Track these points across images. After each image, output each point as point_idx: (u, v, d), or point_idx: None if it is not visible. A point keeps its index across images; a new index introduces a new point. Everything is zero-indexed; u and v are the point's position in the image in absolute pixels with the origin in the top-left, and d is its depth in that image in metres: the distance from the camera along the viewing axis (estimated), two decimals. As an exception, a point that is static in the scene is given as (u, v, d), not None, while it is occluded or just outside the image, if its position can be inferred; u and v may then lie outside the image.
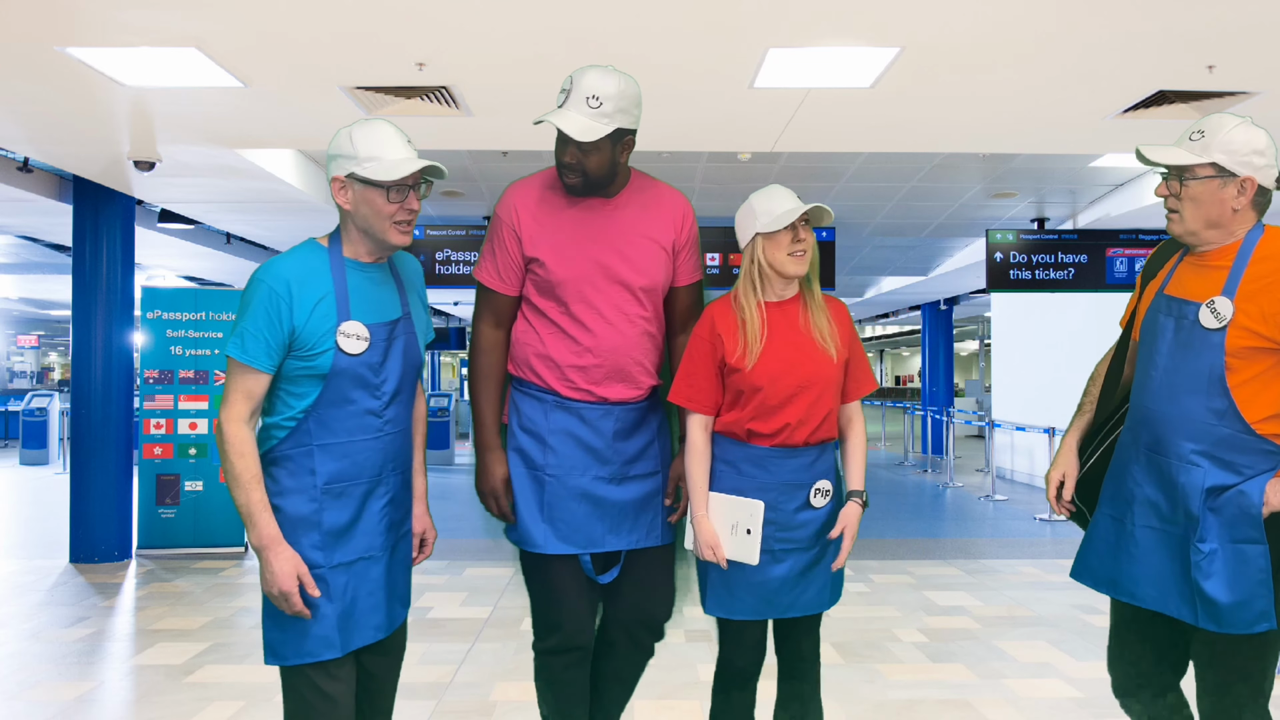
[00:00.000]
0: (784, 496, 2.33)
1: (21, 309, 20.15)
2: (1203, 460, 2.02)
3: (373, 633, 2.13)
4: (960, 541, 7.68)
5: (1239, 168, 2.00)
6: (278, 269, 2.05)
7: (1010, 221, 9.27)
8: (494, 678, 4.07)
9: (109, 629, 5.02)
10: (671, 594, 2.52)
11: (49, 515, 8.87)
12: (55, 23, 3.77)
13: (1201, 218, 2.04)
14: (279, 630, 2.05)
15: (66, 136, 5.58)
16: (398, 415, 2.16)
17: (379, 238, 2.09)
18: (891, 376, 47.68)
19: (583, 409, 2.36)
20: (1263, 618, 1.99)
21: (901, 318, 21.20)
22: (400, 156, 2.05)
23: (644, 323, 2.39)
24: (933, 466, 13.65)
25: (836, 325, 2.37)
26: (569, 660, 2.45)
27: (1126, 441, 2.17)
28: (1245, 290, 1.99)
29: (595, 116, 2.24)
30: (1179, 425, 2.04)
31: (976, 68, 4.32)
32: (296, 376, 2.05)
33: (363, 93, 4.70)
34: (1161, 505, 2.09)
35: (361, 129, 2.07)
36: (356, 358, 2.06)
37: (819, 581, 2.38)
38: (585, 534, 2.37)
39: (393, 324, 2.14)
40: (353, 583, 2.09)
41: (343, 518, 2.08)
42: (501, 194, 2.44)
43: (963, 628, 4.99)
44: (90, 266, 6.83)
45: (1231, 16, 3.68)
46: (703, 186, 8.00)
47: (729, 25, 3.83)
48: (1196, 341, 2.02)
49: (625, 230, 2.39)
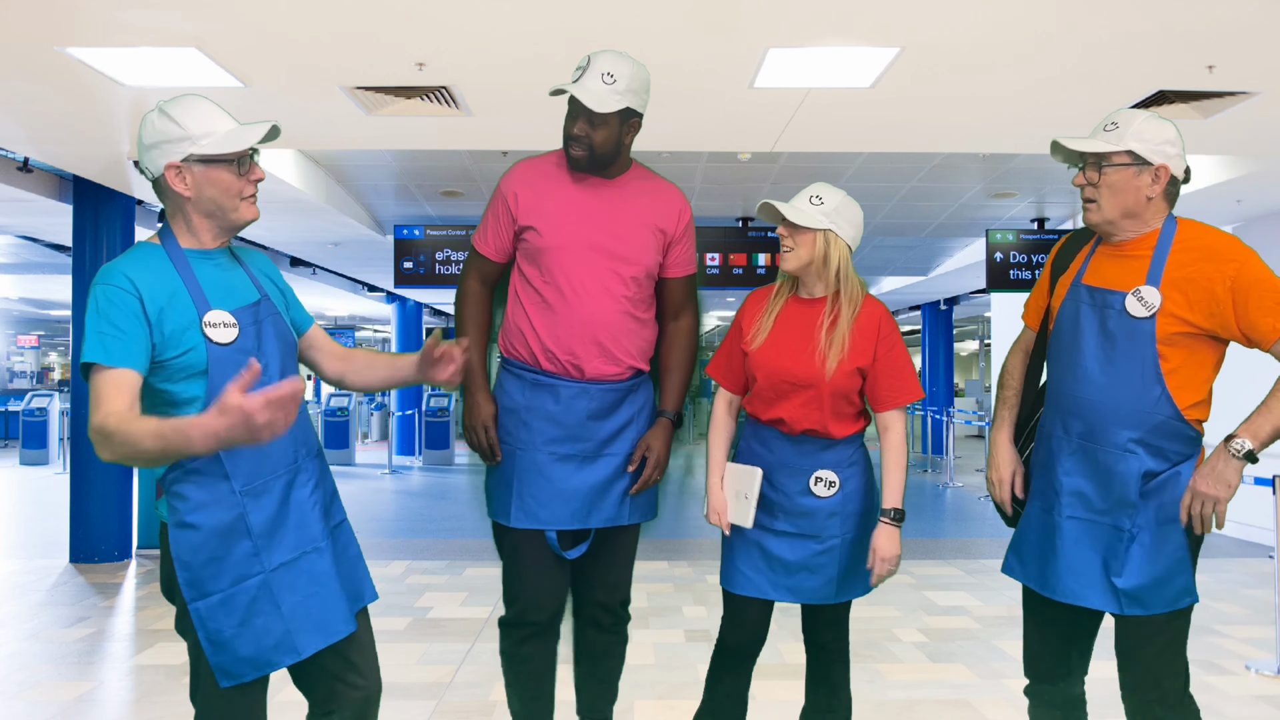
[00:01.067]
0: (784, 476, 2.39)
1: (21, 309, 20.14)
2: (1139, 448, 2.07)
3: (338, 628, 1.99)
4: (960, 541, 7.68)
5: (1153, 156, 2.08)
6: (115, 270, 1.88)
7: (1010, 221, 9.28)
8: (494, 678, 4.07)
9: (109, 629, 5.02)
10: (630, 575, 2.58)
11: (49, 515, 8.87)
12: (55, 23, 3.77)
13: (1118, 206, 2.10)
14: (226, 652, 1.90)
15: (66, 136, 5.58)
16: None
17: (230, 217, 1.96)
18: (891, 376, 47.62)
19: (559, 386, 2.40)
20: (1185, 593, 2.07)
21: (901, 318, 21.18)
22: (233, 126, 1.93)
23: (627, 303, 2.42)
24: (933, 466, 13.66)
25: (857, 335, 2.33)
26: (524, 634, 2.48)
27: (1055, 433, 2.20)
28: (1170, 278, 2.05)
29: (610, 90, 2.30)
30: (1114, 414, 2.09)
31: (976, 68, 4.32)
32: (175, 378, 1.89)
33: (363, 93, 4.70)
34: (1091, 495, 2.13)
35: (180, 108, 1.91)
36: (230, 346, 1.91)
37: (826, 573, 2.38)
38: (552, 511, 2.40)
39: (254, 306, 1.99)
40: (300, 579, 1.95)
41: (268, 514, 1.94)
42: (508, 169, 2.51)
43: (963, 628, 4.99)
44: (90, 266, 6.83)
45: (1231, 16, 3.69)
46: (703, 186, 8.00)
47: (729, 25, 3.83)
48: (1125, 330, 2.07)
49: (620, 211, 2.43)
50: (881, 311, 2.40)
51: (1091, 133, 2.14)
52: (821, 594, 2.39)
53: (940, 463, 13.27)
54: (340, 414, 14.03)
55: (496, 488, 2.47)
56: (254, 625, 1.91)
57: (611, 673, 2.63)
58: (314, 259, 11.62)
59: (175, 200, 1.95)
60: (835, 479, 2.37)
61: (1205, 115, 4.95)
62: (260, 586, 1.92)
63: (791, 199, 2.38)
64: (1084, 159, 2.13)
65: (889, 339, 2.37)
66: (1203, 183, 6.73)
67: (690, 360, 2.58)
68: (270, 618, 1.92)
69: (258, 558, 1.92)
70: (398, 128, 5.33)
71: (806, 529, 2.37)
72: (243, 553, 1.91)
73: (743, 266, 9.03)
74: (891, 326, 2.39)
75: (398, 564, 6.63)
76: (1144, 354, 2.05)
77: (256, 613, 1.91)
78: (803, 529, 2.37)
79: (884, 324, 2.38)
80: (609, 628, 2.59)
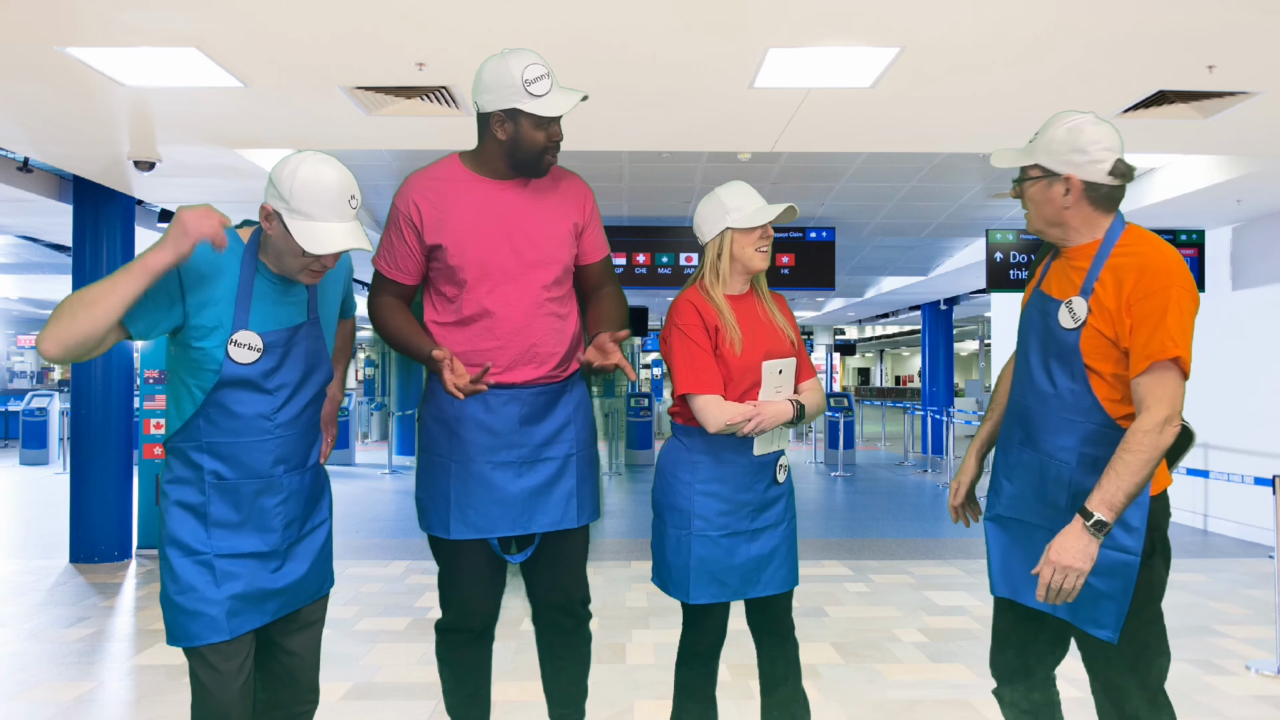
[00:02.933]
0: (759, 477, 2.46)
1: (21, 309, 20.14)
2: (1072, 456, 2.07)
3: (273, 613, 2.17)
4: (960, 541, 7.68)
5: (1060, 166, 2.05)
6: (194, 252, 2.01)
7: (1010, 221, 9.27)
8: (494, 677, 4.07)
9: (109, 629, 5.02)
10: (584, 575, 2.57)
11: (49, 515, 8.87)
12: (55, 23, 3.76)
13: (1040, 216, 2.12)
14: (171, 613, 2.10)
15: (66, 136, 5.58)
16: (293, 416, 2.16)
17: (288, 272, 2.10)
18: (891, 376, 47.68)
19: (488, 395, 2.36)
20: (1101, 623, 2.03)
21: (901, 318, 21.20)
22: (330, 226, 2.01)
23: (550, 304, 2.40)
24: (933, 466, 13.65)
25: (787, 316, 2.55)
26: (459, 640, 2.51)
27: (1003, 435, 2.26)
28: (1098, 290, 2.03)
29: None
30: (1050, 420, 2.10)
31: (976, 67, 4.32)
32: (195, 367, 2.07)
33: (363, 93, 4.70)
34: (1027, 498, 2.15)
35: (308, 171, 2.01)
36: (247, 366, 2.06)
37: (786, 557, 2.52)
38: (491, 519, 2.38)
39: (294, 329, 2.14)
40: (244, 573, 2.12)
41: (229, 514, 2.11)
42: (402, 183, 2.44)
43: (963, 628, 4.99)
44: (90, 266, 6.83)
45: (1231, 17, 3.68)
46: (703, 186, 8.00)
47: (729, 25, 3.83)
48: (1058, 339, 2.08)
49: (530, 212, 2.39)
50: (783, 297, 2.62)
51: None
52: (789, 579, 2.52)
53: (940, 463, 13.27)
54: (340, 414, 14.02)
55: (431, 500, 2.45)
56: (190, 598, 2.08)
57: (578, 672, 2.62)
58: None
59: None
60: (787, 461, 2.56)
61: (1205, 115, 4.95)
62: (203, 564, 2.09)
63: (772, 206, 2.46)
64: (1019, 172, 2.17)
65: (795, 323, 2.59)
66: (1203, 183, 6.73)
67: (623, 311, 2.52)
68: (206, 596, 2.08)
69: (207, 539, 2.10)
70: (398, 128, 5.32)
71: (772, 519, 2.49)
72: (191, 529, 2.10)
73: (743, 266, 9.01)
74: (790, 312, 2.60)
75: (398, 564, 6.63)
76: (1074, 364, 2.05)
77: (192, 587, 2.08)
78: (770, 520, 2.49)
79: (788, 310, 2.59)
80: (570, 629, 2.57)
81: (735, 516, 2.44)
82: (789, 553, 2.53)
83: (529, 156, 2.32)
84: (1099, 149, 2.03)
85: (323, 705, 3.80)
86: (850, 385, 43.39)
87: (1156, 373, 1.94)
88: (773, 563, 2.48)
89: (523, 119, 2.27)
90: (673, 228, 9.15)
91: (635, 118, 5.12)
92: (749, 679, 2.63)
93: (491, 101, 2.28)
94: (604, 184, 7.65)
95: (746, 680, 2.64)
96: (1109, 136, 2.04)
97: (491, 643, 2.57)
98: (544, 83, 2.25)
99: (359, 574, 6.29)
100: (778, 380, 2.44)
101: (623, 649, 4.55)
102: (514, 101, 2.25)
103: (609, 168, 7.25)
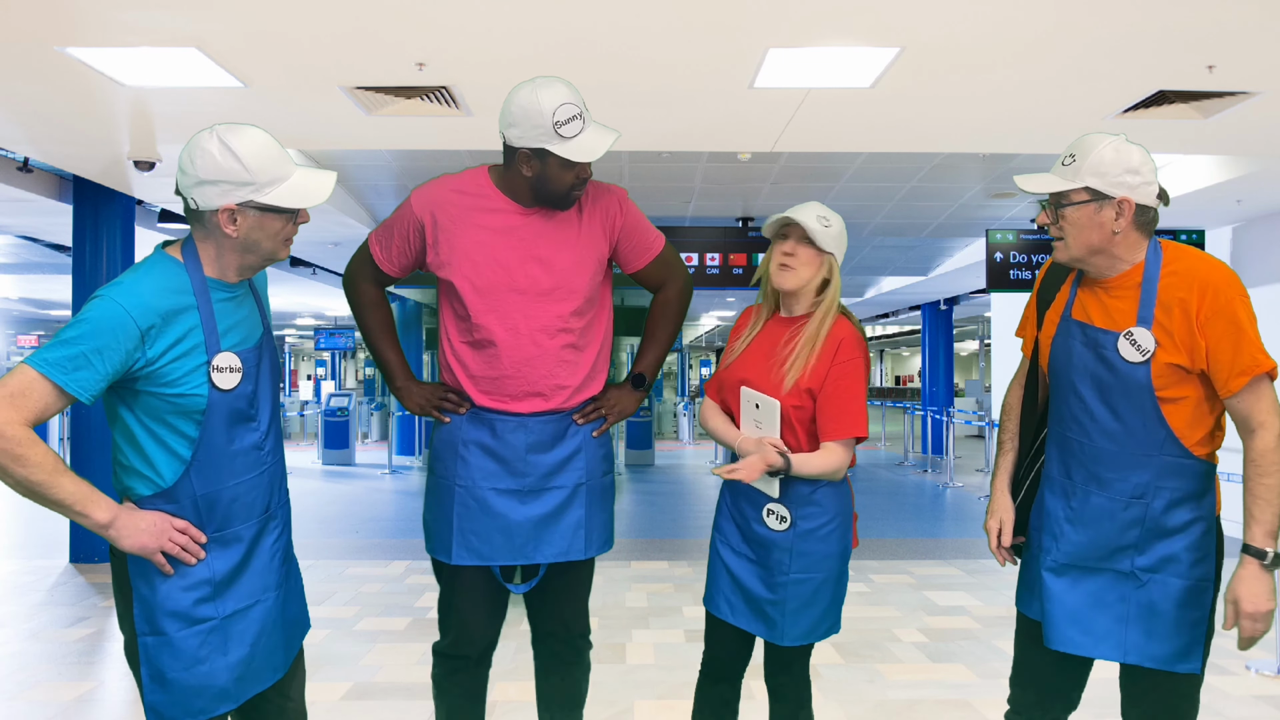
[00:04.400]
0: (745, 501, 2.33)
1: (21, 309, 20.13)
2: (1147, 491, 1.97)
3: (271, 675, 1.99)
4: (960, 541, 7.68)
5: (1113, 189, 1.93)
6: (144, 298, 1.77)
7: (1010, 221, 9.27)
8: (494, 678, 4.05)
9: (109, 629, 5.01)
10: (585, 608, 2.50)
11: (49, 515, 8.83)
12: (55, 23, 3.76)
13: (1084, 244, 1.98)
14: (164, 692, 1.84)
15: (66, 136, 5.58)
16: (274, 444, 2.01)
17: (264, 256, 1.89)
18: (891, 376, 47.68)
19: (495, 420, 2.31)
20: (1182, 657, 1.97)
21: (901, 318, 21.19)
22: (300, 174, 1.87)
23: (565, 336, 2.29)
24: (933, 466, 13.65)
25: (818, 359, 2.22)
26: (454, 666, 2.45)
27: (1054, 475, 2.09)
28: (1160, 318, 1.93)
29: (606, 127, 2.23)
30: (1119, 458, 1.98)
31: (976, 67, 4.32)
32: (164, 414, 1.82)
33: (363, 93, 4.70)
34: (1093, 542, 2.03)
35: (245, 145, 1.80)
36: (230, 392, 1.86)
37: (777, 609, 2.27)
38: (494, 547, 2.32)
39: (258, 347, 1.95)
40: (250, 628, 1.92)
41: (232, 563, 1.91)
42: (425, 183, 2.35)
43: (963, 628, 4.99)
44: (90, 266, 6.83)
45: (1231, 17, 3.68)
46: (703, 186, 8.00)
47: (729, 25, 3.83)
48: (1120, 374, 1.96)
49: (550, 241, 2.28)
50: (847, 334, 2.26)
51: (1052, 167, 2.03)
52: (773, 631, 2.28)
53: (940, 463, 13.27)
54: (340, 414, 14.03)
55: (435, 523, 2.38)
56: (199, 671, 1.86)
57: (574, 700, 2.57)
58: (314, 259, 11.62)
59: (215, 235, 1.85)
60: (787, 514, 2.24)
61: (1205, 115, 4.95)
62: (212, 632, 1.88)
63: (797, 213, 2.25)
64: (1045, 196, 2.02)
65: (845, 365, 2.22)
66: (1203, 183, 6.73)
67: (673, 331, 2.52)
68: (216, 665, 1.88)
69: (213, 603, 1.88)
70: (398, 128, 5.32)
71: (761, 558, 2.30)
72: (199, 597, 1.87)
73: (742, 266, 9.03)
74: (851, 353, 2.24)
75: (398, 564, 6.63)
76: (1142, 398, 1.94)
77: (203, 659, 1.86)
78: (759, 557, 2.30)
79: (843, 348, 2.23)
80: (569, 659, 2.53)
81: (735, 533, 2.36)
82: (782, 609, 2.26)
83: (556, 195, 2.23)
84: (1149, 170, 1.95)
85: (323, 705, 3.82)
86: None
87: (1254, 388, 1.90)
88: (759, 607, 2.29)
89: (551, 159, 2.16)
90: (673, 228, 9.15)
91: (635, 118, 5.12)
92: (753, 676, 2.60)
93: (519, 137, 2.16)
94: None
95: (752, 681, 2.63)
96: (1151, 159, 1.98)
97: (488, 669, 2.52)
98: (576, 124, 2.13)
99: (359, 574, 6.29)
100: (755, 414, 2.25)
101: (623, 649, 4.55)
102: (542, 142, 2.13)
103: (609, 168, 7.25)
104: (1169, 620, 1.97)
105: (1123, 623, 2.00)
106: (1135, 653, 1.99)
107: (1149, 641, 1.98)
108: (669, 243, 2.47)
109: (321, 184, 1.88)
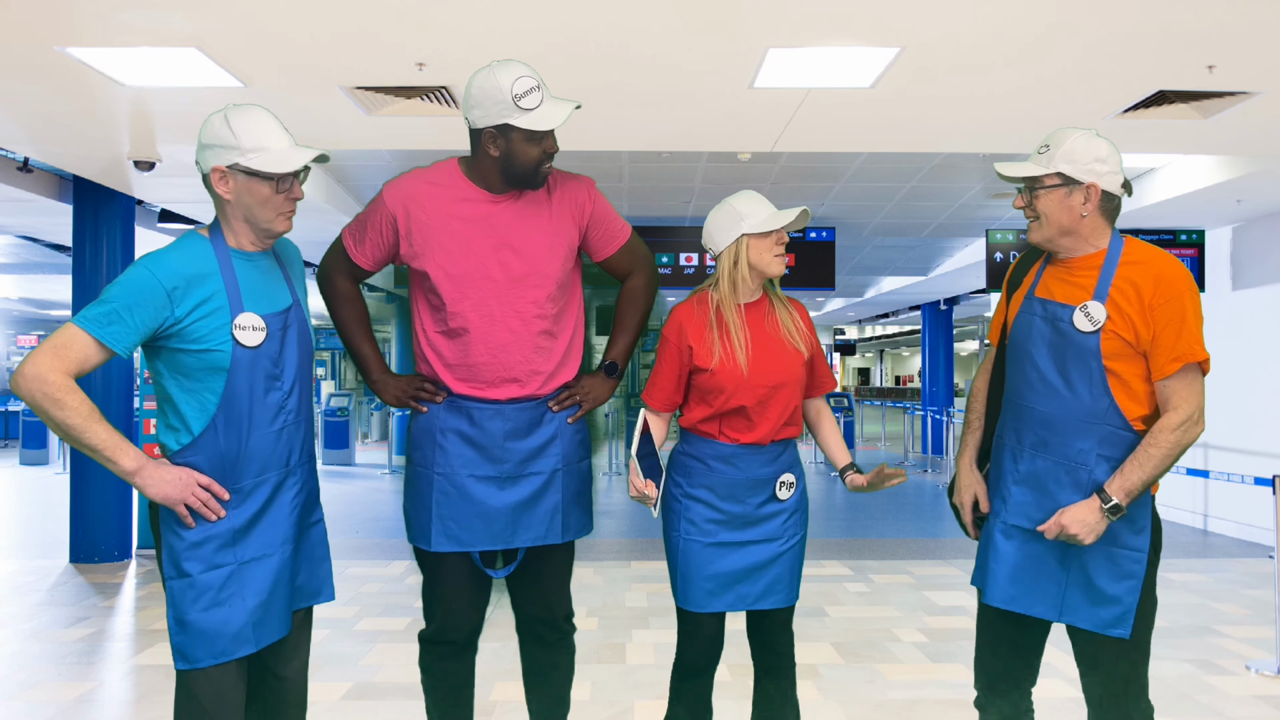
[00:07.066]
0: (750, 492, 2.43)
1: (21, 309, 20.13)
2: (1090, 458, 2.12)
3: (279, 628, 2.12)
4: (960, 541, 7.68)
5: (1082, 175, 2.12)
6: (170, 264, 2.00)
7: (1010, 221, 9.27)
8: (494, 677, 4.07)
9: (109, 629, 5.02)
10: (567, 591, 2.55)
11: (49, 515, 8.87)
12: (55, 23, 3.77)
13: (1055, 225, 2.15)
14: (186, 634, 2.02)
15: (66, 136, 5.58)
16: (299, 405, 2.16)
17: (263, 227, 2.08)
18: (891, 376, 47.68)
19: (472, 408, 2.35)
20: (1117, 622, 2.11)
21: (901, 318, 21.21)
22: (285, 145, 2.04)
23: (539, 323, 2.34)
24: (933, 466, 13.65)
25: (803, 322, 2.49)
26: (442, 652, 2.52)
27: (1008, 442, 2.24)
28: (1115, 296, 2.10)
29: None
30: (1066, 424, 2.14)
31: (976, 67, 4.32)
32: (194, 371, 2.02)
33: (363, 93, 4.70)
34: (1039, 504, 2.17)
35: (241, 118, 2.02)
36: (256, 349, 2.04)
37: (786, 573, 2.46)
38: (473, 532, 2.36)
39: (285, 312, 2.13)
40: (266, 577, 2.08)
41: (250, 513, 2.07)
42: (397, 177, 2.40)
43: (963, 628, 4.98)
44: (90, 266, 6.83)
45: (1231, 17, 3.68)
46: (703, 186, 8.00)
47: (729, 25, 3.83)
48: (1074, 344, 2.12)
49: (521, 228, 2.33)
50: (802, 304, 2.55)
51: (1030, 156, 2.21)
52: (785, 596, 2.46)
53: (940, 463, 13.27)
54: (340, 414, 14.02)
55: (415, 511, 2.42)
56: (217, 614, 2.02)
57: (561, 686, 2.60)
58: (314, 259, 11.56)
59: (218, 200, 2.07)
60: (794, 480, 2.50)
61: (1205, 115, 4.95)
62: (230, 576, 2.04)
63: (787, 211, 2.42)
64: (1021, 181, 2.20)
65: (814, 330, 2.53)
66: (1203, 183, 6.73)
67: (641, 319, 2.56)
68: (235, 608, 2.03)
69: (232, 549, 2.05)
70: (398, 128, 5.32)
71: (770, 533, 2.45)
72: (219, 543, 2.04)
73: (743, 266, 9.01)
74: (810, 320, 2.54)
75: (398, 564, 6.63)
76: (1090, 367, 2.11)
77: (222, 602, 2.02)
78: (767, 534, 2.44)
79: (809, 316, 2.54)
80: (553, 643, 2.55)
81: (722, 526, 2.42)
82: (785, 570, 2.46)
83: (524, 171, 2.27)
84: (1115, 161, 2.14)
85: (323, 705, 3.81)
86: (850, 385, 43.40)
87: (1184, 374, 2.07)
88: (762, 578, 2.44)
89: (515, 134, 2.22)
90: (673, 228, 9.15)
91: (635, 118, 5.12)
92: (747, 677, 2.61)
93: (482, 117, 2.23)
94: (604, 184, 7.62)
95: (746, 680, 2.64)
96: (1118, 151, 2.17)
97: (475, 654, 2.55)
98: (535, 95, 2.19)
99: (359, 574, 6.29)
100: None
101: (623, 649, 4.55)
102: (504, 117, 2.19)
103: (609, 168, 7.25)
104: (1104, 586, 2.12)
105: (1060, 585, 2.15)
106: (1070, 614, 2.14)
107: (1084, 605, 2.13)
108: (635, 232, 2.53)
109: (299, 155, 2.04)
